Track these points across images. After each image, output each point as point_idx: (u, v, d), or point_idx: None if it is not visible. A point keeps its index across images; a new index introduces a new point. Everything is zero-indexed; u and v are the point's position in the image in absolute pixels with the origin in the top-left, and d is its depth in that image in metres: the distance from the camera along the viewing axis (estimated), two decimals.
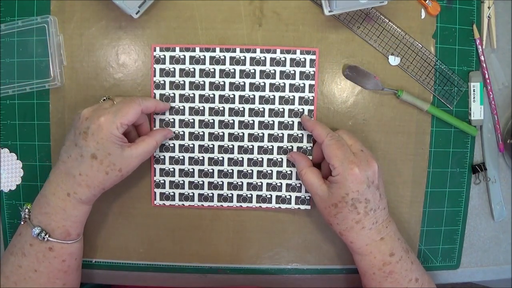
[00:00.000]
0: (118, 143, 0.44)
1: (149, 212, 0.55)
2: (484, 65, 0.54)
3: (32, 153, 0.54)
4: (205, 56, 0.52)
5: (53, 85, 0.52)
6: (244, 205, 0.55)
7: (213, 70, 0.52)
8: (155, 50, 0.52)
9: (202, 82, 0.53)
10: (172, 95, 0.53)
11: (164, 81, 0.53)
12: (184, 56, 0.52)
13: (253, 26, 0.52)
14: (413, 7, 0.53)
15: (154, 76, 0.52)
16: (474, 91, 0.54)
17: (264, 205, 0.54)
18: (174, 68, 0.52)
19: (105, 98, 0.50)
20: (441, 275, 0.57)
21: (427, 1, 0.52)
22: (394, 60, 0.53)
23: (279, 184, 0.54)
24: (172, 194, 0.54)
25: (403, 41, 0.53)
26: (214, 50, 0.52)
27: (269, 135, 0.54)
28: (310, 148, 0.53)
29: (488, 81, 0.55)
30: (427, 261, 0.57)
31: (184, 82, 0.53)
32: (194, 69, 0.52)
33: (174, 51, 0.52)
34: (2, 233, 0.55)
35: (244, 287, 0.57)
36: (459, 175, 0.56)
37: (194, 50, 0.52)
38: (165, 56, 0.52)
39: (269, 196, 0.54)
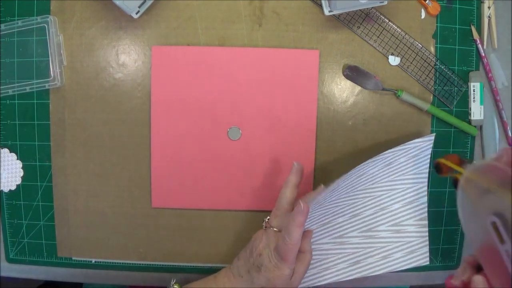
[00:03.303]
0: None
1: (149, 212, 0.55)
2: (485, 63, 0.54)
3: (32, 153, 0.54)
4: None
5: (53, 85, 0.52)
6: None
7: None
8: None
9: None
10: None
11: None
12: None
13: (253, 26, 0.52)
14: (413, 7, 0.53)
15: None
16: (474, 91, 0.54)
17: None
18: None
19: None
20: (441, 275, 0.57)
21: (427, 1, 0.52)
22: (394, 60, 0.53)
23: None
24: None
25: (403, 41, 0.53)
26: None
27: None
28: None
29: (491, 80, 0.54)
30: None
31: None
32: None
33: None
34: (2, 233, 0.55)
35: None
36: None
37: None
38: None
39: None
